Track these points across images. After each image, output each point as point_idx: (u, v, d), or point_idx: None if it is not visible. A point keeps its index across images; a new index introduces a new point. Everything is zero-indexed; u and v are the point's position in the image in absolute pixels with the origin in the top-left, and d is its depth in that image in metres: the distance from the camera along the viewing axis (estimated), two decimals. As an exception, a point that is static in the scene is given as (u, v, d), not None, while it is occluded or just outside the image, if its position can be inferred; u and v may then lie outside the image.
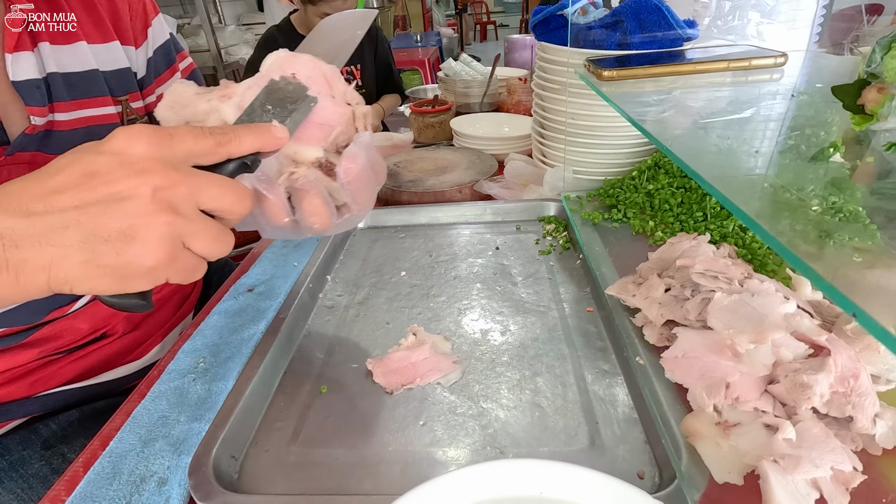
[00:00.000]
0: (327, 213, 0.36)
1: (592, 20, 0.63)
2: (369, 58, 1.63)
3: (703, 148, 0.41)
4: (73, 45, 0.52)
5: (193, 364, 0.48)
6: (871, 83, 0.31)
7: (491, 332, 0.52)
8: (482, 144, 0.95)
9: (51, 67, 0.50)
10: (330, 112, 0.36)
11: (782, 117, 0.44)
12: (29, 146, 0.48)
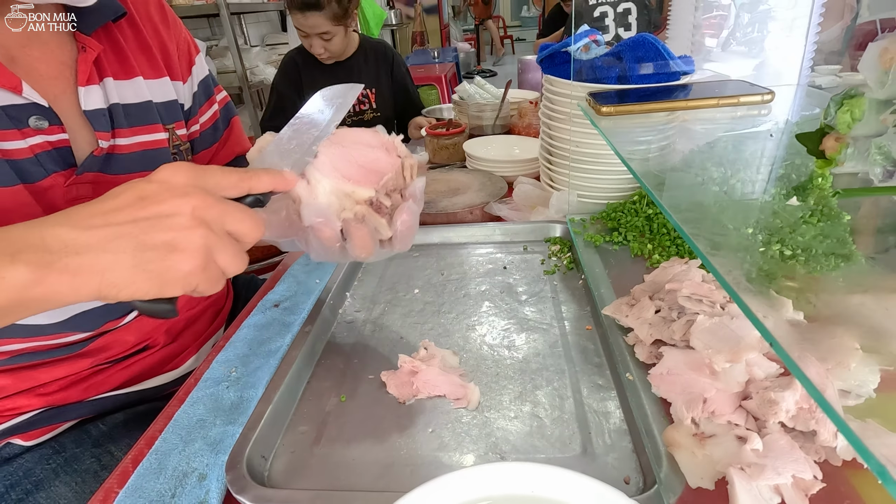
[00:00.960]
0: (372, 246, 0.43)
1: (594, 56, 0.67)
2: (385, 81, 1.68)
3: (679, 183, 0.45)
4: (131, 80, 0.59)
5: (226, 373, 0.54)
6: (829, 133, 0.35)
7: (497, 348, 0.56)
8: (493, 167, 1.00)
9: (113, 99, 0.56)
10: (383, 162, 0.43)
11: (756, 156, 0.48)
12: (93, 167, 0.54)
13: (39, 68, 0.52)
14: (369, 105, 1.67)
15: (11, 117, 0.48)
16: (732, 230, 0.38)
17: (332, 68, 1.59)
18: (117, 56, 0.58)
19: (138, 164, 0.59)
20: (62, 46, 0.54)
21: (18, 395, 0.57)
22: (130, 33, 0.60)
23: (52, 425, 0.58)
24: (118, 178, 0.57)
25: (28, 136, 0.49)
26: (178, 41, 0.66)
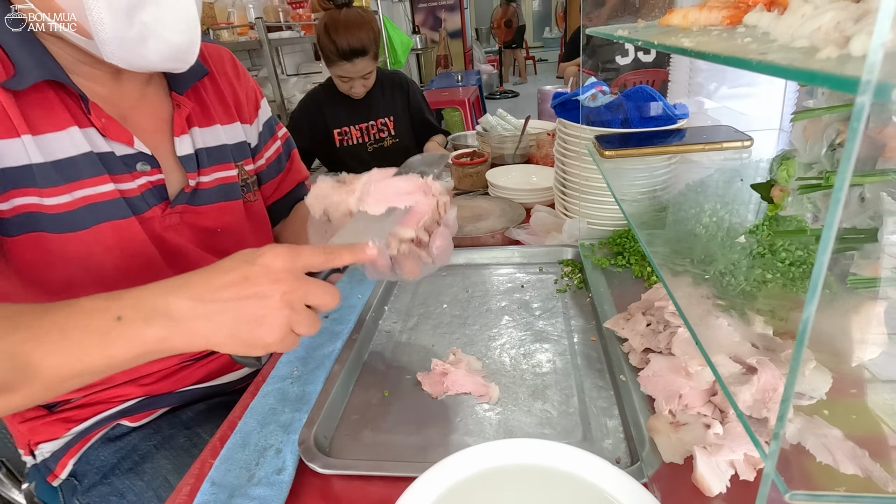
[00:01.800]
0: (419, 270, 0.54)
1: (600, 104, 0.78)
2: (402, 110, 1.79)
3: (659, 221, 0.55)
4: (212, 127, 0.72)
5: (289, 372, 0.65)
6: (775, 184, 0.45)
7: (514, 355, 0.66)
8: (512, 194, 1.10)
9: (199, 144, 0.69)
10: (423, 206, 0.54)
11: (728, 198, 0.58)
12: (182, 200, 0.66)
13: (143, 123, 0.65)
14: (388, 132, 1.79)
15: (126, 164, 0.61)
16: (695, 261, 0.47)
17: (354, 101, 1.70)
18: (201, 108, 0.71)
19: (215, 196, 0.71)
20: (161, 105, 0.67)
21: (124, 385, 0.69)
22: (210, 87, 0.73)
23: (150, 410, 0.70)
24: (200, 208, 0.69)
25: (136, 178, 0.62)
26: (246, 90, 0.79)
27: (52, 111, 0.54)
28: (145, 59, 0.53)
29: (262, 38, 2.29)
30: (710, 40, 0.32)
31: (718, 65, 0.31)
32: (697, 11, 0.45)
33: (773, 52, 0.23)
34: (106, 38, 0.49)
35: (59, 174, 0.54)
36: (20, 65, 0.51)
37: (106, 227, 0.58)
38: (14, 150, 0.52)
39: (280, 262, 0.42)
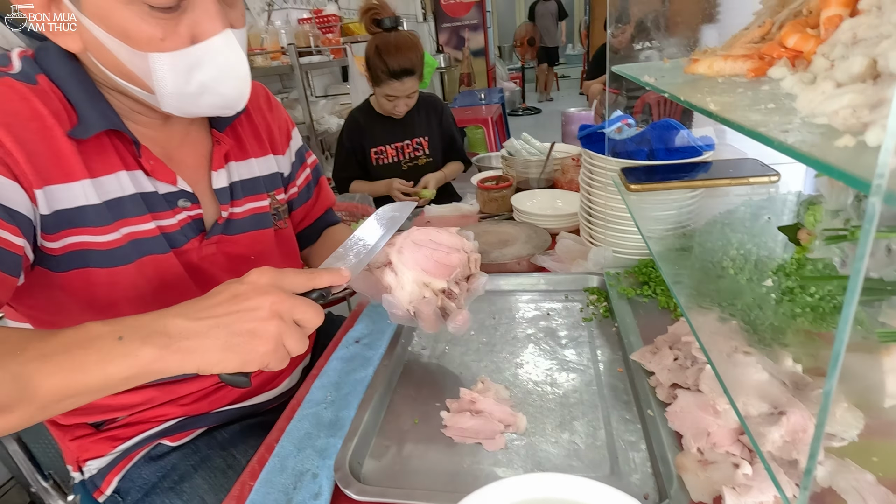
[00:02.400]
0: (437, 327, 0.56)
1: (626, 137, 0.80)
2: (436, 130, 1.86)
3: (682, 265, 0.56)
4: (246, 161, 0.76)
5: (324, 396, 0.68)
6: (801, 228, 0.46)
7: (541, 384, 0.67)
8: (538, 220, 1.12)
9: (234, 178, 0.73)
10: (454, 258, 0.57)
11: (757, 231, 0.59)
12: (217, 231, 0.70)
13: (186, 161, 0.69)
14: (423, 151, 1.85)
15: (168, 201, 0.65)
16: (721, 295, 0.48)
17: (392, 121, 1.78)
18: (237, 143, 0.75)
19: (248, 226, 0.75)
20: (202, 142, 0.71)
21: (164, 405, 0.73)
22: (246, 122, 0.77)
23: (188, 431, 0.73)
24: (234, 237, 0.73)
25: (177, 214, 0.65)
26: (279, 122, 0.83)
27: (106, 156, 0.58)
28: (199, 109, 0.57)
29: (293, 62, 2.38)
30: (734, 101, 0.34)
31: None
32: (722, 61, 0.47)
33: (795, 130, 0.24)
34: (166, 94, 0.54)
35: (109, 213, 0.59)
36: (84, 116, 0.56)
37: (147, 260, 0.62)
38: (74, 192, 0.56)
39: (266, 279, 0.46)
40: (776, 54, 0.42)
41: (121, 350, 0.42)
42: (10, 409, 0.41)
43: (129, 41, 0.50)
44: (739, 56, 0.47)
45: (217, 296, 0.45)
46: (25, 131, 0.52)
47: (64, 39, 0.53)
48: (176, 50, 0.51)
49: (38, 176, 0.53)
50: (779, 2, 0.57)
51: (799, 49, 0.41)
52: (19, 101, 0.53)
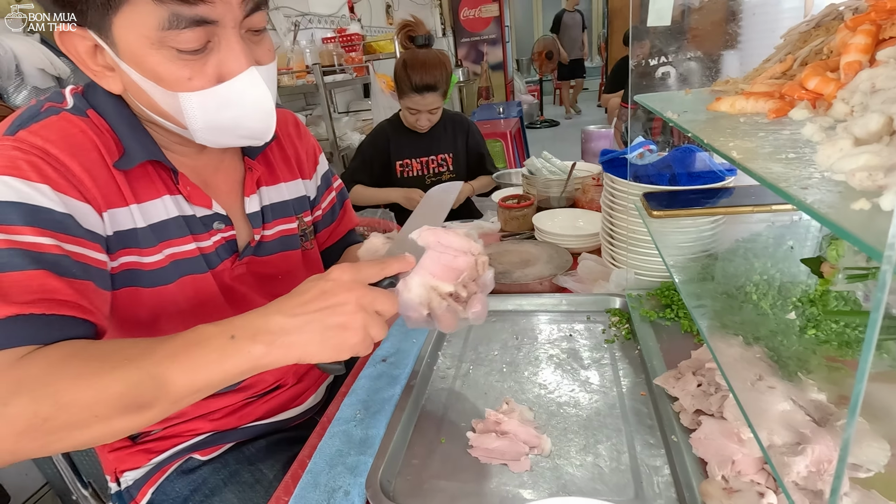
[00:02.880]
0: (455, 324, 0.58)
1: (648, 162, 0.81)
2: (461, 147, 1.90)
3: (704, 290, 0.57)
4: (276, 185, 0.79)
5: (353, 414, 0.70)
6: (824, 261, 0.47)
7: (564, 406, 0.69)
8: (559, 239, 1.14)
9: (265, 202, 0.77)
10: (462, 262, 0.58)
11: (780, 257, 0.60)
12: (248, 253, 0.74)
13: (220, 186, 0.72)
14: (447, 168, 1.89)
15: (204, 224, 0.68)
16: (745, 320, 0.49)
17: (419, 136, 1.83)
18: (268, 168, 0.78)
19: (277, 247, 0.78)
20: (235, 168, 0.75)
21: (195, 420, 0.76)
22: (276, 148, 0.81)
23: (218, 445, 0.77)
24: (264, 258, 0.76)
25: (212, 236, 0.69)
26: (307, 148, 0.87)
27: (150, 182, 0.63)
28: (229, 141, 0.61)
29: (317, 81, 2.45)
30: (756, 147, 0.36)
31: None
32: (744, 100, 0.48)
33: (814, 187, 0.26)
34: (197, 128, 0.58)
35: (154, 235, 0.63)
36: (128, 147, 0.60)
37: (187, 280, 0.67)
38: (124, 217, 0.61)
39: (347, 275, 0.50)
40: (797, 95, 0.44)
41: (234, 348, 0.47)
42: (151, 406, 0.46)
43: (160, 82, 0.54)
44: (761, 95, 0.48)
45: (307, 293, 0.49)
46: (87, 160, 0.57)
47: (107, 83, 0.57)
48: (203, 89, 0.55)
49: (103, 200, 0.58)
50: (800, 37, 0.58)
51: (819, 92, 0.42)
52: (79, 133, 0.57)
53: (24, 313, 0.47)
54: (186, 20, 0.50)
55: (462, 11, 6.20)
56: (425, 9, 5.60)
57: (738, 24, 0.75)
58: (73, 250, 0.53)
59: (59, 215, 0.53)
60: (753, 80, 0.58)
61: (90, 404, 0.44)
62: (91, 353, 0.47)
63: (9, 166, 0.51)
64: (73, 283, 0.52)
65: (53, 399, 0.43)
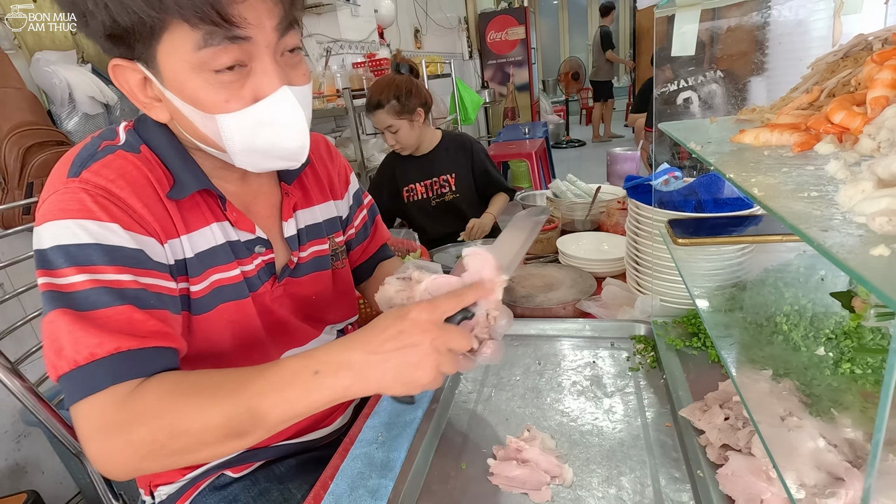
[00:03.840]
0: (472, 366, 0.59)
1: (673, 189, 0.81)
2: (465, 167, 1.91)
3: (731, 320, 0.56)
4: (310, 208, 0.82)
5: (375, 436, 0.71)
6: (856, 296, 0.45)
7: (587, 435, 0.68)
8: (583, 263, 1.13)
9: (301, 225, 0.79)
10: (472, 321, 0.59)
11: (811, 287, 0.58)
12: (286, 274, 0.76)
13: (261, 212, 0.75)
14: (449, 188, 1.92)
15: (248, 248, 0.71)
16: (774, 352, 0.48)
17: (419, 160, 1.89)
18: (303, 192, 0.81)
19: (310, 268, 0.80)
20: (273, 193, 0.78)
21: (227, 437, 0.78)
22: (310, 171, 0.83)
23: (249, 463, 0.78)
24: (300, 280, 0.78)
25: (254, 259, 0.71)
26: (339, 169, 0.89)
27: (200, 212, 0.66)
28: (267, 164, 0.63)
29: (347, 104, 2.52)
30: (778, 183, 0.36)
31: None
32: (769, 133, 0.48)
33: (834, 230, 0.26)
34: (236, 151, 0.60)
35: (200, 264, 0.66)
36: (179, 178, 0.64)
37: (227, 306, 0.69)
38: (178, 247, 0.64)
39: (425, 315, 0.52)
40: (823, 129, 0.44)
41: (318, 383, 0.51)
42: (248, 434, 0.51)
43: (199, 106, 0.57)
44: (786, 127, 0.48)
45: (385, 331, 0.52)
46: (145, 196, 0.60)
47: (155, 113, 0.61)
48: (239, 110, 0.57)
49: (163, 232, 0.61)
50: (828, 68, 0.58)
51: (846, 126, 0.42)
52: (135, 170, 0.61)
53: (123, 349, 0.53)
54: (220, 36, 0.52)
55: (489, 35, 6.31)
56: (452, 32, 5.71)
57: (765, 52, 0.75)
58: (147, 282, 0.58)
59: (132, 251, 0.57)
60: (780, 109, 0.58)
61: (198, 433, 0.50)
62: (192, 385, 0.53)
63: (81, 209, 0.55)
64: (154, 313, 0.57)
65: (168, 430, 0.50)
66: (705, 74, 0.84)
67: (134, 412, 0.51)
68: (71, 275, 0.53)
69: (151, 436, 0.50)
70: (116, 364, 0.52)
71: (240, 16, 0.52)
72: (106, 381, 0.52)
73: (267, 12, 0.54)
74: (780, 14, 0.76)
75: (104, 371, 0.52)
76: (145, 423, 0.50)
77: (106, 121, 1.56)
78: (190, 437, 0.50)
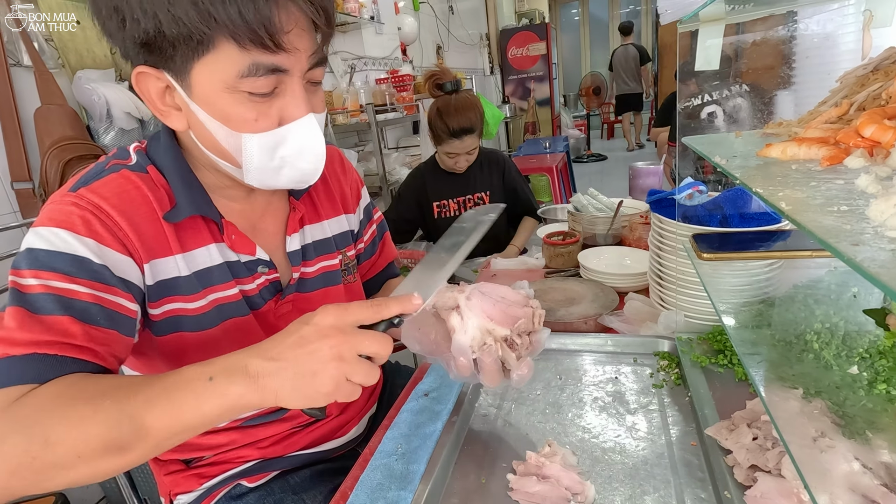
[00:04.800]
0: (498, 380, 0.58)
1: (697, 203, 0.80)
2: (497, 185, 1.91)
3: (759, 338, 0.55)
4: (319, 223, 0.82)
5: (394, 448, 0.71)
6: (891, 313, 0.44)
7: (609, 452, 0.67)
8: (605, 278, 1.12)
9: (307, 240, 0.80)
10: (519, 310, 0.60)
11: (844, 304, 0.57)
12: (291, 291, 0.76)
13: (268, 228, 0.76)
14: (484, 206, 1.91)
15: (249, 269, 0.71)
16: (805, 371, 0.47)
17: (454, 176, 1.88)
18: (312, 206, 0.81)
19: (319, 283, 0.80)
20: (281, 209, 0.78)
21: (243, 448, 0.79)
22: (321, 185, 0.84)
23: (264, 473, 0.79)
24: (308, 295, 0.79)
25: (256, 279, 0.72)
26: (351, 183, 0.90)
27: (197, 232, 0.67)
28: (277, 182, 0.64)
29: (370, 119, 2.56)
30: (807, 197, 0.36)
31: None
32: (796, 146, 0.48)
33: (865, 244, 0.26)
34: (252, 168, 0.62)
35: (198, 282, 0.67)
36: (179, 202, 0.65)
37: (230, 323, 0.70)
38: (168, 266, 0.65)
39: (329, 320, 0.49)
40: (853, 143, 0.43)
41: (212, 391, 0.48)
42: (131, 448, 0.47)
43: (228, 123, 0.58)
44: (815, 141, 0.47)
45: (288, 337, 0.49)
46: (136, 215, 0.61)
47: (171, 120, 0.62)
48: (265, 131, 0.59)
49: (146, 252, 0.62)
50: (857, 81, 0.57)
51: (877, 140, 0.41)
52: (133, 189, 0.62)
53: (28, 353, 0.51)
54: (265, 68, 0.54)
55: (510, 50, 6.37)
56: (474, 49, 5.79)
57: (792, 66, 0.75)
58: (104, 297, 0.57)
59: (97, 265, 0.57)
60: (808, 123, 0.57)
61: (74, 444, 0.46)
62: (80, 391, 0.50)
63: (63, 220, 0.57)
64: (96, 329, 0.55)
65: (43, 438, 0.46)
66: (730, 88, 0.84)
67: (13, 417, 0.47)
68: (28, 277, 0.54)
69: (25, 444, 0.45)
70: (18, 366, 0.50)
71: (287, 42, 0.54)
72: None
73: (306, 42, 0.56)
74: (807, 28, 0.75)
75: (1, 370, 0.50)
76: (21, 431, 0.46)
77: (140, 135, 1.62)
78: (64, 447, 0.46)
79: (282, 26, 0.53)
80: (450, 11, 4.98)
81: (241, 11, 0.50)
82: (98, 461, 0.47)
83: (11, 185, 1.41)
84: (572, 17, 10.24)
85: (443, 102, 1.70)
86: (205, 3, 0.49)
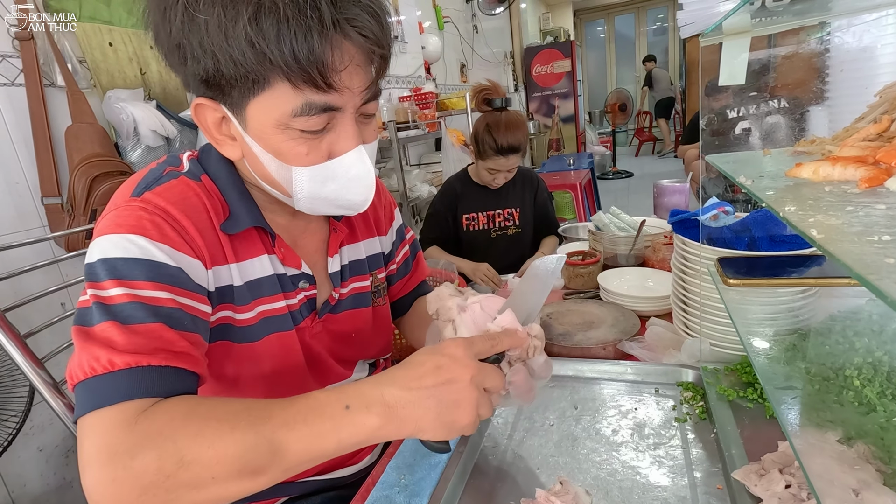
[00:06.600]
0: (530, 391, 0.57)
1: (723, 224, 0.75)
2: (528, 203, 1.89)
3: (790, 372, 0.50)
4: (356, 244, 0.82)
5: (398, 479, 0.68)
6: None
7: (626, 492, 0.62)
8: (626, 301, 1.07)
9: (344, 261, 0.79)
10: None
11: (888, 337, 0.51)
12: (326, 310, 0.75)
13: (307, 246, 0.75)
14: (513, 222, 1.88)
15: (293, 283, 0.71)
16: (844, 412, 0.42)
17: (485, 189, 1.86)
18: (349, 228, 0.81)
19: (349, 305, 0.79)
20: (322, 229, 0.78)
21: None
22: None
23: (275, 498, 0.77)
24: (338, 316, 0.77)
25: (298, 294, 0.71)
26: (384, 205, 0.89)
27: (251, 244, 0.67)
28: (326, 210, 0.65)
29: (392, 137, 2.58)
30: (842, 224, 0.32)
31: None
32: (830, 166, 0.44)
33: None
34: (302, 198, 0.62)
35: (249, 293, 0.66)
36: (234, 213, 0.65)
37: (273, 337, 0.69)
38: (224, 274, 0.65)
39: (462, 351, 0.50)
40: (895, 163, 0.39)
41: (349, 419, 0.48)
42: (265, 471, 0.47)
43: (280, 157, 0.58)
44: (851, 160, 0.43)
45: (421, 366, 0.50)
46: (199, 221, 0.62)
47: (227, 150, 0.62)
48: (316, 164, 0.59)
49: (210, 258, 0.62)
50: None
51: (922, 160, 0.37)
52: (194, 196, 0.63)
53: (134, 365, 0.49)
54: (317, 108, 0.54)
55: (534, 68, 6.38)
56: (498, 66, 5.82)
57: (825, 80, 0.70)
58: (185, 303, 0.57)
59: (174, 269, 0.57)
60: (843, 141, 0.53)
61: (210, 464, 0.45)
62: (209, 411, 0.48)
63: (136, 226, 0.56)
64: (186, 335, 0.55)
65: (177, 457, 0.44)
66: (758, 104, 0.79)
67: (142, 434, 0.46)
68: (110, 287, 0.53)
69: (157, 462, 0.44)
70: (133, 379, 0.49)
71: (340, 82, 0.53)
72: (117, 396, 0.48)
73: (361, 79, 0.56)
74: (842, 40, 0.70)
75: (117, 385, 0.48)
76: (153, 447, 0.45)
77: (166, 152, 1.66)
78: (200, 467, 0.45)
79: (335, 65, 0.52)
80: (474, 31, 5.03)
81: (295, 52, 0.50)
82: (231, 483, 0.46)
83: (42, 201, 1.46)
84: (598, 34, 10.22)
85: (493, 119, 1.69)
86: (260, 44, 0.49)
